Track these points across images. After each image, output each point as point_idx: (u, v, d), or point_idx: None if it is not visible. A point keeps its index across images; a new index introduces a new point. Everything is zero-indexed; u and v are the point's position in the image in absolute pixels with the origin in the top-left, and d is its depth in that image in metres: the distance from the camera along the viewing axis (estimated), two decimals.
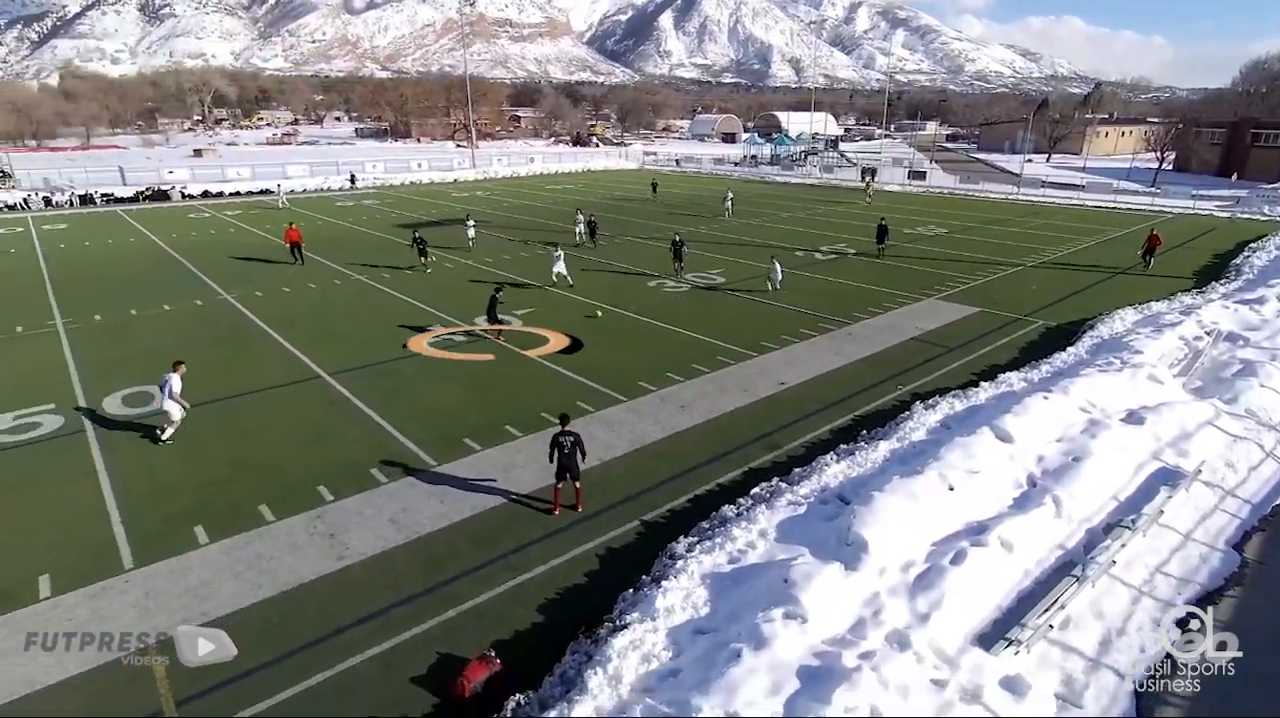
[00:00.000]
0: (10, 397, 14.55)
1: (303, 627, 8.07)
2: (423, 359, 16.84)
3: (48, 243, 33.84)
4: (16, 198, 48.35)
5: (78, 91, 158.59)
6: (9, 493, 10.90)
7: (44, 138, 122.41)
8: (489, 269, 26.85)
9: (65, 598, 8.52)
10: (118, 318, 20.46)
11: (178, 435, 12.65)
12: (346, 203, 49.49)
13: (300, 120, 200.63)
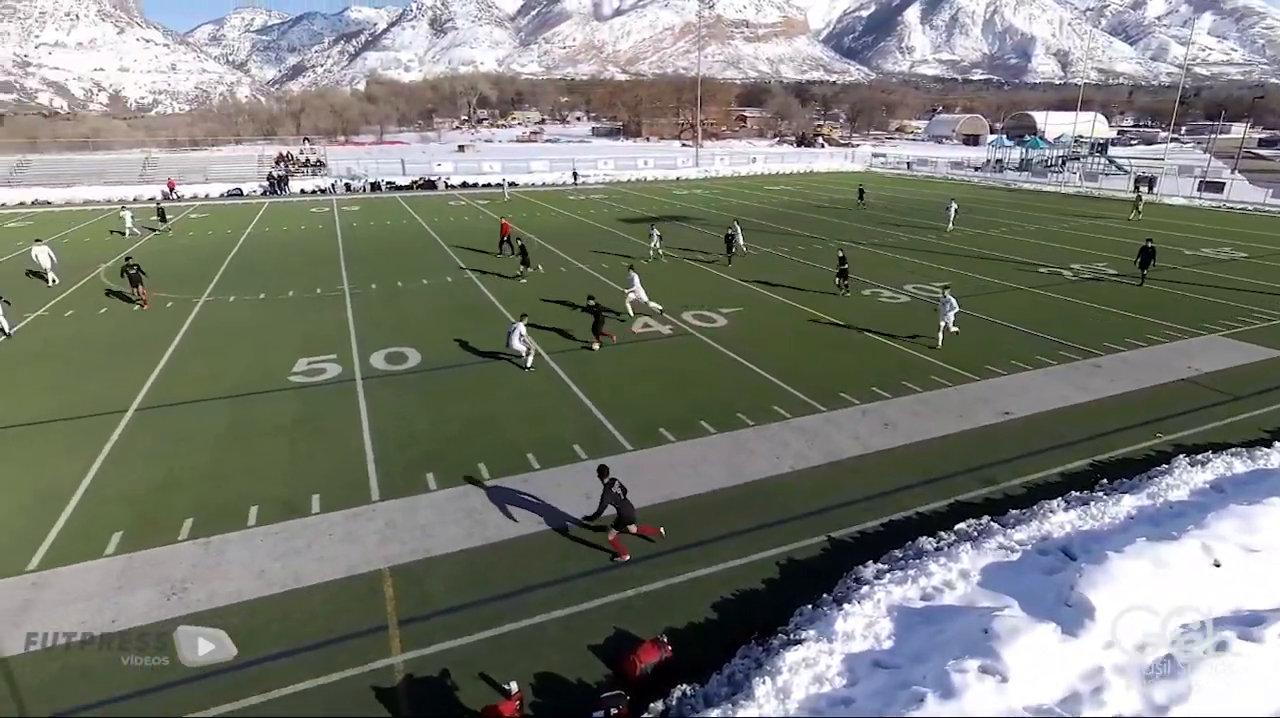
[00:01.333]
0: (307, 345, 17.80)
1: (502, 579, 8.92)
2: (631, 349, 17.65)
3: (344, 221, 40.78)
4: (326, 184, 59.34)
5: (377, 96, 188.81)
6: (304, 423, 13.36)
7: (350, 134, 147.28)
8: (698, 267, 27.35)
9: (329, 516, 10.26)
10: (388, 288, 24.06)
11: (426, 393, 14.62)
12: (577, 197, 53.33)
13: (546, 120, 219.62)
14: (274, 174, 59.79)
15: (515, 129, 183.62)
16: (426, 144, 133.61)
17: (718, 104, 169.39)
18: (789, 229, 36.46)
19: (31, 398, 14.61)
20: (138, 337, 18.71)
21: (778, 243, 31.98)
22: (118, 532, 9.83)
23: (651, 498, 10.69)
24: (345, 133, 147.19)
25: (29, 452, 12.30)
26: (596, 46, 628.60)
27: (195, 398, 14.58)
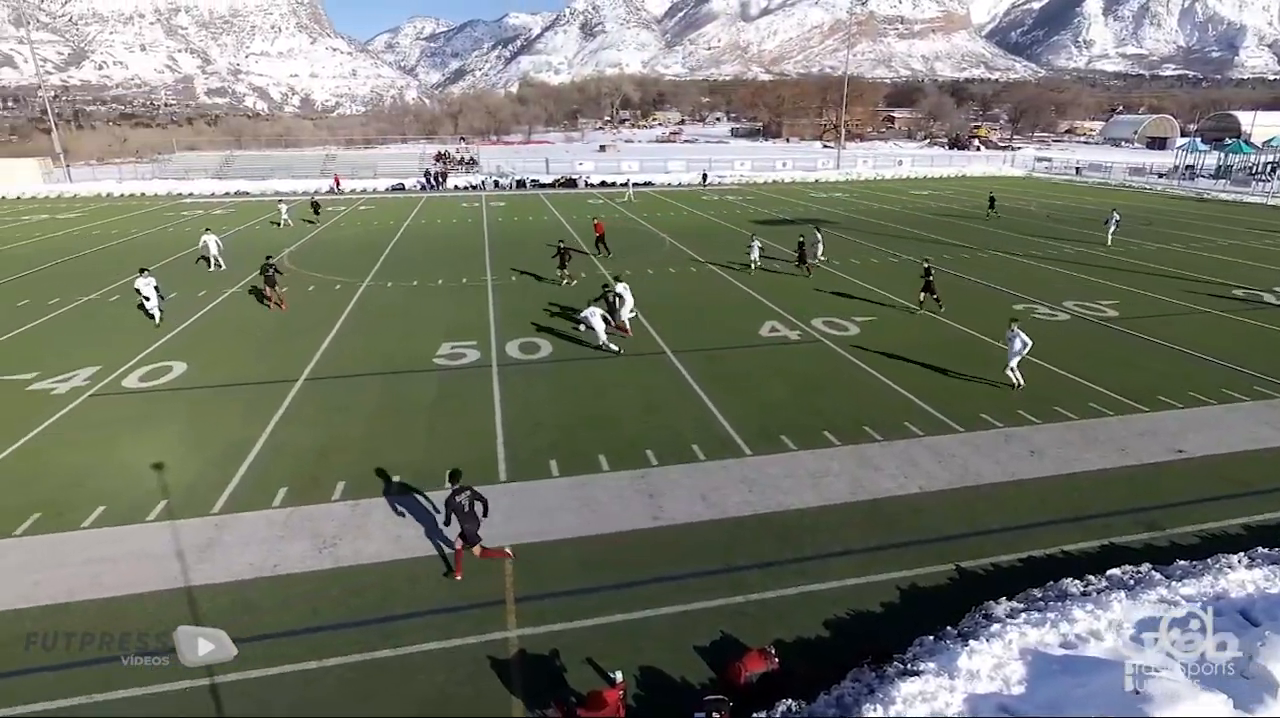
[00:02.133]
0: (451, 330, 19.07)
1: (614, 569, 9.10)
2: (754, 351, 17.41)
3: (491, 216, 43.27)
4: (477, 180, 63.25)
5: (528, 97, 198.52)
6: (444, 402, 14.34)
7: (501, 134, 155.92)
8: (834, 273, 26.46)
9: None
10: (527, 280, 25.24)
11: (555, 383, 15.23)
12: (711, 197, 53.28)
13: (686, 121, 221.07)
14: (431, 171, 64.52)
15: (655, 129, 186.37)
16: (570, 144, 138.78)
17: (864, 104, 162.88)
18: (935, 237, 34.42)
19: (221, 366, 16.71)
20: (309, 316, 20.85)
21: (919, 251, 30.28)
22: (283, 487, 11.03)
23: (767, 506, 10.49)
24: (497, 133, 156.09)
25: (220, 412, 14.08)
26: (741, 47, 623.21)
27: (353, 372, 16.05)
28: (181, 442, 12.63)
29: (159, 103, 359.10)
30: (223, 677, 7.33)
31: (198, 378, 15.84)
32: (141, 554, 9.39)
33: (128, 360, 16.89)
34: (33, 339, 18.73)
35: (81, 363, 16.64)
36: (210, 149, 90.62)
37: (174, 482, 11.20)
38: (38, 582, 8.83)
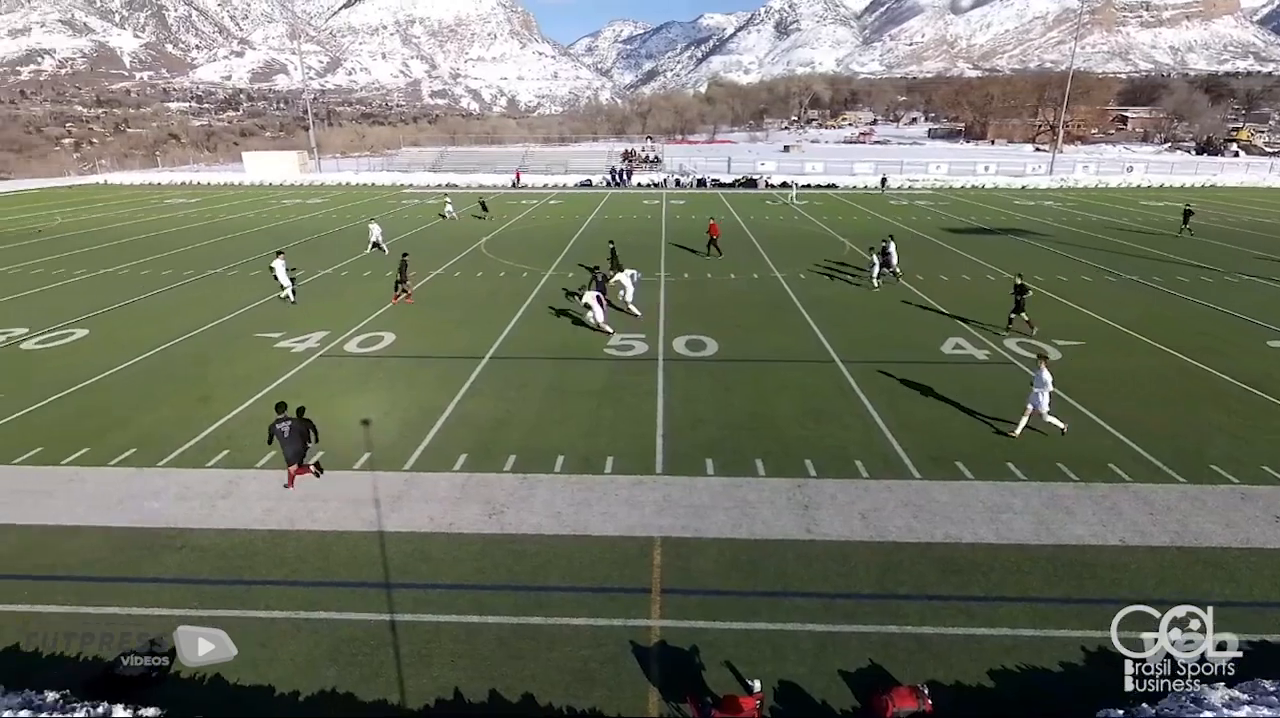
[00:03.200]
0: (625, 321, 19.76)
1: (764, 576, 8.95)
2: (933, 368, 16.21)
3: (670, 213, 44.16)
4: (659, 178, 64.80)
5: (716, 97, 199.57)
6: (610, 390, 14.93)
7: (687, 133, 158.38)
8: (1034, 290, 23.88)
9: (617, 478, 11.33)
10: (698, 277, 25.48)
11: (718, 382, 15.26)
12: (899, 201, 50.30)
13: (879, 121, 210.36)
14: (617, 168, 67.11)
15: (845, 129, 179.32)
16: (754, 143, 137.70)
17: (1091, 102, 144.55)
18: (1167, 254, 29.85)
19: (423, 339, 18.63)
20: (498, 301, 22.60)
21: (1147, 271, 26.43)
22: (463, 453, 12.10)
23: (932, 535, 9.75)
24: (683, 132, 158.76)
25: (418, 380, 15.74)
26: (948, 42, 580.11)
27: (531, 355, 17.19)
28: (386, 403, 14.28)
29: (392, 104, 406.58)
30: (401, 616, 8.22)
31: (403, 348, 17.81)
32: (346, 498, 10.77)
33: (350, 328, 19.41)
34: (282, 305, 22.09)
35: (315, 327, 19.39)
36: (429, 145, 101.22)
37: (377, 437, 12.70)
38: (269, 509, 10.45)
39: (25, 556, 9.41)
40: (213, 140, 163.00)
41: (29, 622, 8.20)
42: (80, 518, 10.22)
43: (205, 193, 60.26)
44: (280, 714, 6.90)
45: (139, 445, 12.39)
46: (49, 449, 12.28)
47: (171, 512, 10.38)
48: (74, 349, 17.82)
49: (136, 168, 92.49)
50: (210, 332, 19.22)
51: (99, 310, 21.47)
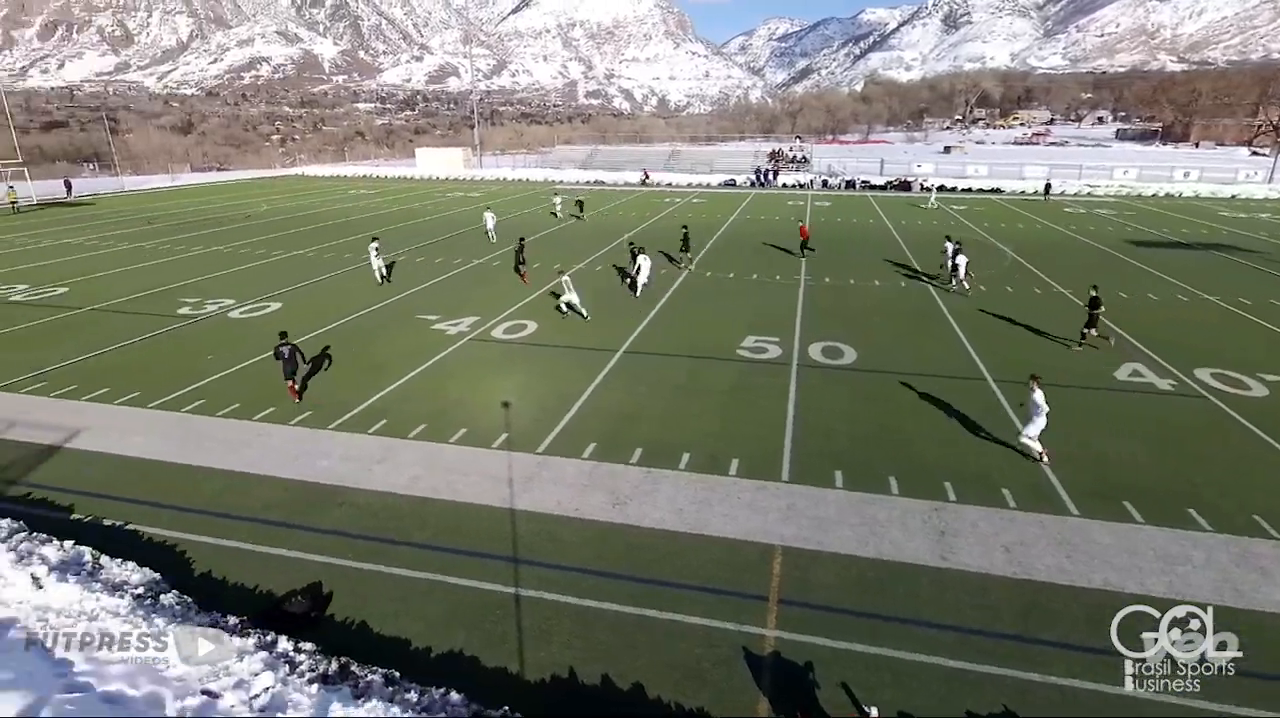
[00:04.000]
0: (757, 324, 19.47)
1: (890, 600, 8.49)
2: (1104, 396, 14.56)
3: (814, 215, 42.89)
4: (806, 179, 63.12)
5: (872, 96, 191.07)
6: (740, 392, 14.79)
7: (838, 133, 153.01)
8: (1237, 313, 20.75)
9: (741, 481, 11.19)
10: (840, 282, 24.56)
11: (854, 392, 14.66)
12: (1076, 209, 45.63)
13: (1056, 120, 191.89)
14: (762, 168, 66.12)
15: (1016, 130, 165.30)
16: (911, 144, 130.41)
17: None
18: None
19: (563, 330, 19.39)
20: (637, 295, 23.02)
21: None
22: (593, 442, 12.47)
23: (1088, 580, 8.77)
24: (834, 131, 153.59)
25: (556, 368, 16.42)
26: (1148, 32, 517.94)
27: (663, 351, 17.37)
28: (525, 388, 15.03)
29: (549, 104, 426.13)
30: (525, 591, 8.64)
31: (544, 337, 18.65)
32: (485, 474, 11.46)
33: (498, 314, 20.60)
34: (439, 290, 23.88)
35: (467, 312, 20.77)
36: (580, 143, 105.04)
37: (515, 420, 13.41)
38: (416, 477, 11.35)
39: (221, 496, 10.87)
40: (391, 137, 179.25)
41: (219, 553, 9.46)
42: (265, 469, 11.64)
43: (382, 184, 66.33)
44: (412, 667, 7.48)
45: (314, 409, 13.90)
46: (245, 406, 14.09)
47: (337, 470, 11.56)
48: (269, 320, 20.30)
49: (328, 161, 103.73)
50: (379, 311, 21.15)
51: (290, 287, 24.30)
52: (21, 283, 25.22)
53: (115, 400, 14.46)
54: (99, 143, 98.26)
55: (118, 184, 66.91)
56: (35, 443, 12.57)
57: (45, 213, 46.11)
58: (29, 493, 10.96)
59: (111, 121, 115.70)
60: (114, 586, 8.26)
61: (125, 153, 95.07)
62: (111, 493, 10.92)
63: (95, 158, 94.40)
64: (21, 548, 8.83)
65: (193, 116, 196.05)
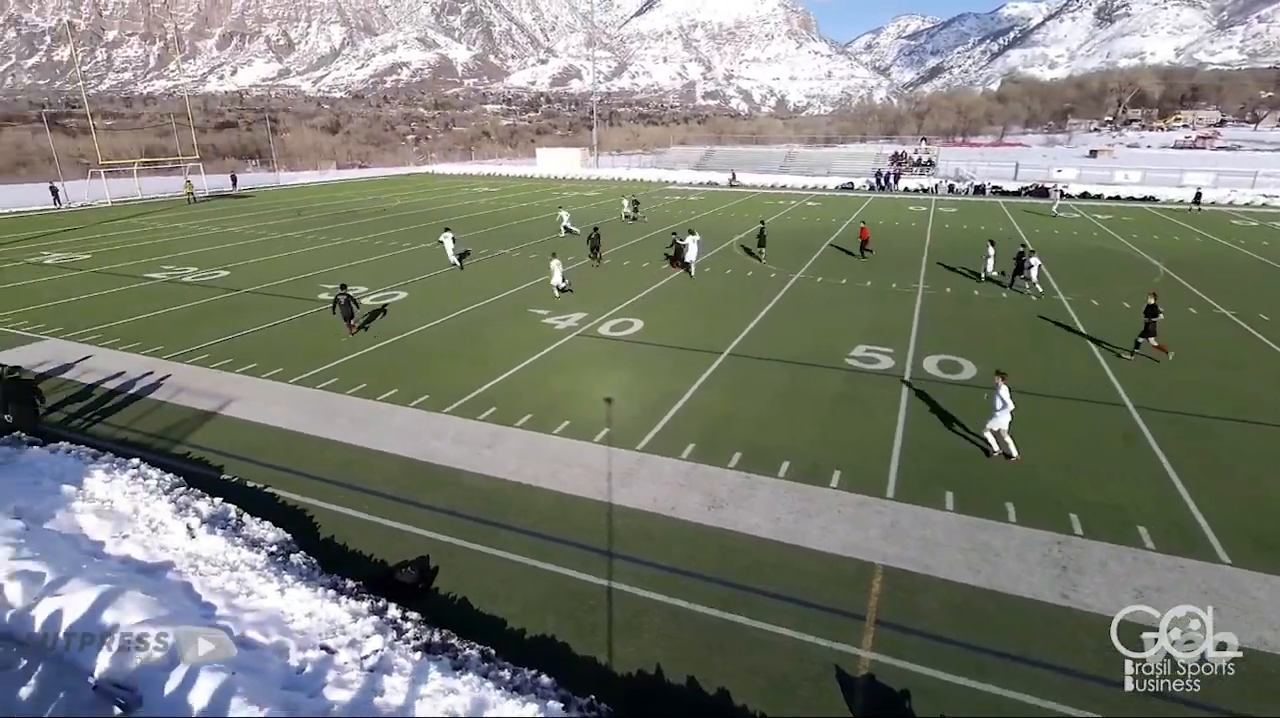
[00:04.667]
0: (869, 333, 18.74)
1: (1001, 635, 7.94)
2: (1270, 432, 12.89)
3: (937, 222, 40.73)
4: (930, 183, 59.91)
5: (1008, 95, 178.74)
6: (846, 402, 14.31)
7: (969, 135, 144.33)
8: None
9: (843, 493, 10.82)
10: (962, 293, 23.18)
11: (970, 410, 13.81)
12: (1245, 222, 40.66)
13: (1228, 122, 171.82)
14: (883, 171, 63.46)
15: (1177, 132, 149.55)
16: (1051, 147, 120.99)
17: None
18: None
19: (669, 329, 19.49)
20: (744, 299, 22.79)
21: None
22: (691, 443, 12.46)
23: (1244, 639, 7.79)
24: (964, 133, 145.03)
25: (659, 366, 16.54)
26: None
27: (769, 355, 17.08)
28: (628, 384, 15.24)
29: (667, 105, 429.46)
30: (618, 585, 8.77)
31: (649, 335, 18.83)
32: (586, 466, 11.72)
33: (606, 312, 21.00)
34: (551, 286, 24.65)
35: (576, 308, 21.31)
36: (695, 144, 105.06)
37: (616, 415, 13.62)
38: (521, 465, 11.78)
39: (346, 468, 11.75)
40: (514, 138, 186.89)
41: (341, 520, 10.24)
42: (385, 446, 12.47)
43: (504, 182, 69.32)
44: (507, 646, 7.77)
45: (431, 393, 14.74)
46: (371, 386, 15.15)
47: (449, 452, 12.21)
48: (396, 307, 21.73)
49: (456, 160, 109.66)
50: (494, 304, 22.13)
51: (416, 277, 25.89)
52: (192, 266, 28.37)
53: (262, 375, 15.98)
54: (261, 141, 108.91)
55: (274, 179, 73.84)
56: (197, 408, 14.11)
57: (213, 204, 51.61)
58: (189, 452, 12.31)
59: (272, 122, 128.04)
60: (252, 541, 9.13)
61: (282, 150, 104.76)
62: (255, 458, 12.08)
63: (257, 154, 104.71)
64: (180, 501, 9.94)
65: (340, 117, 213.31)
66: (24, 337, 19.09)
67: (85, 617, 7.11)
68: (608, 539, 9.74)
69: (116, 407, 14.37)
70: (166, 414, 13.92)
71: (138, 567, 8.51)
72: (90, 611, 7.16)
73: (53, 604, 7.28)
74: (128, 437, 12.97)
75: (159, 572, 8.41)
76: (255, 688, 6.32)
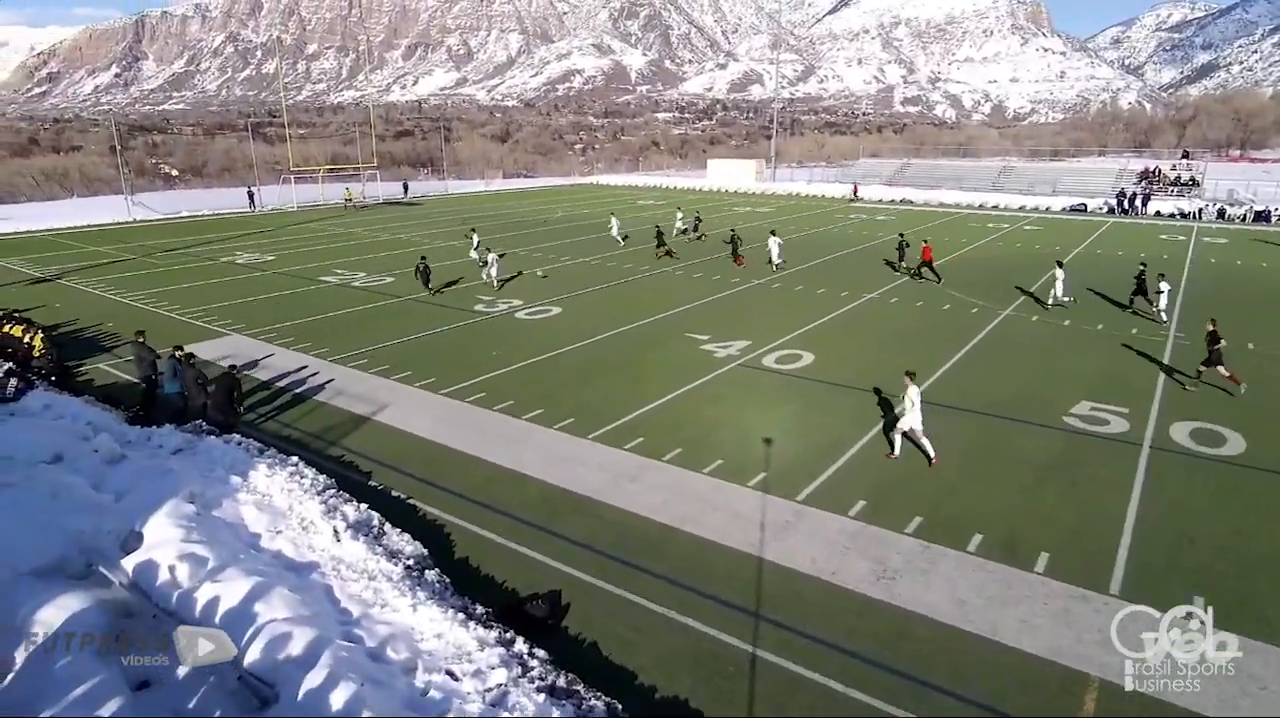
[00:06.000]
0: (1098, 388, 16.92)
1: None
2: None
3: (1198, 254, 36.10)
4: (1191, 207, 52.99)
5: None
6: (1062, 469, 12.98)
7: (1248, 148, 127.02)
8: None
9: (1050, 582, 9.75)
10: (1231, 345, 20.24)
11: (1237, 495, 12.00)
12: None
13: None
14: (1128, 191, 57.44)
15: None
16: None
17: None
18: None
19: (843, 365, 18.89)
20: (937, 335, 21.52)
21: None
22: (861, 499, 11.89)
23: None
24: (1243, 145, 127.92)
25: (830, 407, 16.05)
26: None
27: (962, 404, 15.93)
28: (792, 425, 14.90)
29: (859, 112, 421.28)
30: (764, 653, 8.51)
31: (820, 371, 18.34)
32: (736, 513, 11.58)
33: (771, 341, 20.77)
34: (713, 308, 24.85)
35: (739, 335, 21.28)
36: (889, 156, 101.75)
37: (775, 458, 13.35)
38: (665, 501, 11.88)
39: (486, 486, 12.51)
40: (685, 147, 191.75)
41: (476, 541, 10.89)
42: (526, 467, 13.13)
43: (670, 195, 71.22)
44: (634, 702, 7.79)
45: (576, 416, 15.34)
46: (518, 404, 16.08)
47: (591, 481, 12.60)
48: (549, 324, 22.98)
49: (622, 171, 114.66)
50: (650, 325, 22.69)
51: (572, 293, 27.25)
52: (361, 271, 31.92)
53: (415, 383, 17.53)
54: (434, 149, 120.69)
55: (443, 187, 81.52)
56: (352, 412, 15.76)
57: (384, 210, 57.82)
58: (342, 455, 13.74)
59: (446, 131, 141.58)
60: (391, 552, 9.96)
61: (453, 158, 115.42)
62: (400, 466, 13.23)
63: (429, 162, 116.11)
64: (330, 502, 11.09)
65: (510, 126, 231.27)
66: (213, 331, 22.46)
67: (239, 607, 8.11)
68: (755, 598, 9.51)
69: (283, 405, 16.41)
70: (325, 415, 15.67)
71: (287, 563, 9.58)
72: (243, 601, 8.16)
73: (212, 590, 8.38)
74: (290, 433, 14.75)
75: (305, 571, 9.41)
76: (381, 703, 6.84)
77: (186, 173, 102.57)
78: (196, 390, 14.62)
